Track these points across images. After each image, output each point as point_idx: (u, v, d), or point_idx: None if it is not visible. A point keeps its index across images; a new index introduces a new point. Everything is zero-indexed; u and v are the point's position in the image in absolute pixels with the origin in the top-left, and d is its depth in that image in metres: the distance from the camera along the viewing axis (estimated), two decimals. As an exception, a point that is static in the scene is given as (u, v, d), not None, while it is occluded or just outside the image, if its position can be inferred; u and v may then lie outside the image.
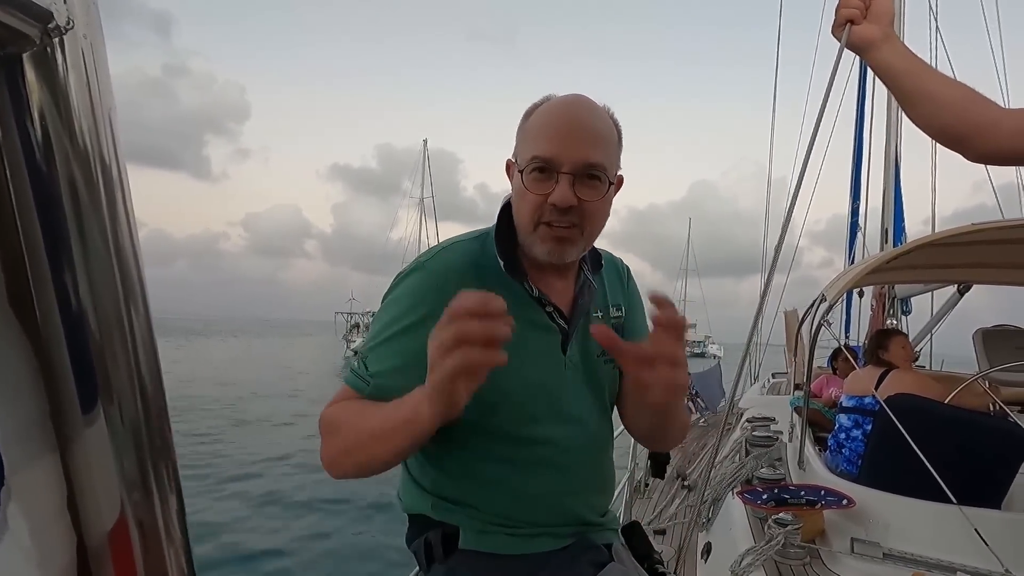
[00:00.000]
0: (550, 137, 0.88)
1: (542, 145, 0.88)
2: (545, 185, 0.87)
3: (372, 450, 0.81)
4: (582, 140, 0.88)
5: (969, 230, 2.14)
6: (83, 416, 0.34)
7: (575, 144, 0.87)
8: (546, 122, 0.90)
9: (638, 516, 3.38)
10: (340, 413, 0.88)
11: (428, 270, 0.92)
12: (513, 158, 0.95)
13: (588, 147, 0.87)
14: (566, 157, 0.86)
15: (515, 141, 0.95)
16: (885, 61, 0.99)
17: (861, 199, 7.53)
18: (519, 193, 0.91)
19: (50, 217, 0.32)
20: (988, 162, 0.98)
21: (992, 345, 3.56)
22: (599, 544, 1.01)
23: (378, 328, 0.91)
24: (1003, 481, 2.10)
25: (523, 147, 0.91)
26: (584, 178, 0.88)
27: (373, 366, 0.88)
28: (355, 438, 0.84)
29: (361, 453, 0.83)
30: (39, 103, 0.30)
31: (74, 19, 0.31)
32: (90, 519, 0.35)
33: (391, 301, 0.92)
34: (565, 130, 0.88)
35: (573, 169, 0.87)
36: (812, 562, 1.76)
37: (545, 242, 0.90)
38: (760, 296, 1.94)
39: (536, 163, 0.88)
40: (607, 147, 0.91)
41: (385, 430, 0.79)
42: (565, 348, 0.97)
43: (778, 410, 3.81)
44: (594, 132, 0.90)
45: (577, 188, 0.87)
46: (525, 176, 0.89)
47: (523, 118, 0.95)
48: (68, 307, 0.33)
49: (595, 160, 0.88)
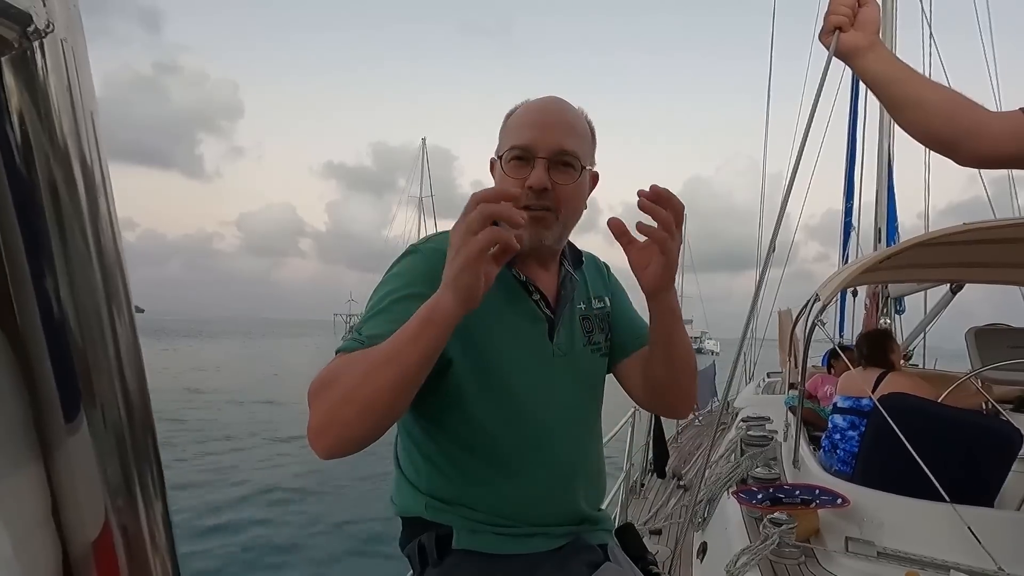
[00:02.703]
0: (526, 127, 0.95)
1: (519, 135, 0.95)
2: (523, 171, 0.94)
3: (378, 380, 0.73)
4: (556, 129, 0.95)
5: (961, 230, 2.15)
6: (66, 423, 0.34)
7: (549, 132, 0.94)
8: (523, 117, 0.98)
9: (633, 516, 3.39)
10: (332, 369, 0.80)
11: (422, 252, 0.95)
12: (496, 156, 0.99)
13: (561, 135, 0.94)
14: (541, 143, 0.93)
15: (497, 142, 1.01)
16: (871, 68, 1.00)
17: (854, 198, 7.57)
18: (500, 181, 0.96)
19: (31, 222, 0.31)
20: (979, 166, 0.98)
21: (984, 344, 3.58)
22: (593, 544, 1.02)
23: (374, 302, 0.90)
24: (996, 479, 2.12)
25: (503, 143, 0.98)
26: (559, 164, 0.94)
27: (368, 331, 0.83)
28: (360, 374, 0.75)
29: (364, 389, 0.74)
30: (18, 107, 0.30)
31: (54, 22, 0.30)
32: (74, 527, 0.35)
33: (389, 278, 0.93)
34: (540, 121, 0.96)
35: (548, 154, 0.93)
36: (807, 561, 1.77)
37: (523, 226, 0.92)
38: (754, 291, 1.95)
39: (514, 151, 0.94)
40: (580, 138, 0.97)
41: (398, 347, 0.73)
42: (552, 336, 1.00)
43: (773, 409, 3.82)
44: (567, 123, 0.97)
45: (552, 173, 0.93)
46: (504, 164, 0.95)
47: (504, 120, 1.02)
48: (50, 312, 0.33)
49: (568, 147, 0.94)
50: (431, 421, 0.97)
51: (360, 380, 0.74)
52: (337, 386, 0.76)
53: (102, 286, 0.34)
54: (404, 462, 1.02)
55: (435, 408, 0.94)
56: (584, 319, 1.06)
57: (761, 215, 9.53)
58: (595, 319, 1.08)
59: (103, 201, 0.34)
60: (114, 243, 0.34)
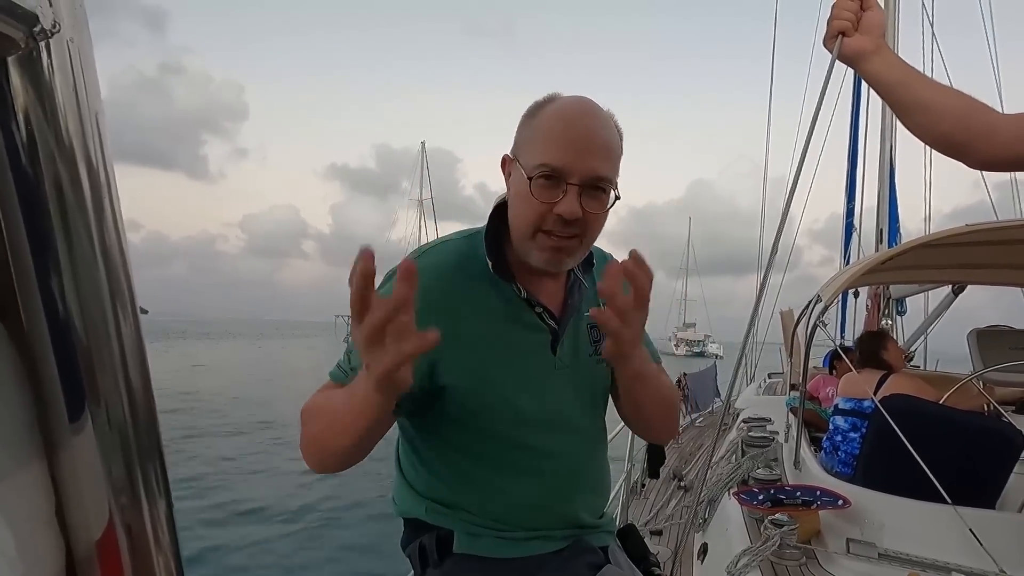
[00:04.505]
0: (560, 145, 0.85)
1: (552, 152, 0.85)
2: (552, 194, 0.85)
3: (336, 439, 0.81)
4: (592, 152, 0.85)
5: (963, 231, 2.15)
6: (70, 423, 0.34)
7: (585, 155, 0.85)
8: (555, 128, 0.87)
9: (634, 517, 3.38)
10: (314, 402, 0.88)
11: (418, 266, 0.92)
12: (512, 155, 0.91)
13: (598, 159, 0.85)
14: (576, 168, 0.84)
15: (516, 137, 0.92)
16: (877, 72, 0.99)
17: (856, 200, 7.56)
18: (521, 197, 0.87)
19: (36, 221, 0.31)
20: (989, 168, 0.96)
21: (986, 345, 3.58)
22: (595, 547, 1.01)
23: None
24: (997, 481, 2.11)
25: (529, 149, 0.88)
26: (591, 190, 0.85)
27: (355, 360, 0.87)
28: (321, 427, 0.83)
29: (328, 442, 0.82)
30: (24, 106, 0.30)
31: (60, 22, 0.30)
32: (78, 526, 0.35)
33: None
34: (576, 140, 0.85)
35: (582, 181, 0.84)
36: (808, 563, 1.76)
37: (543, 251, 0.88)
38: (756, 295, 1.95)
39: (544, 170, 0.85)
40: (614, 159, 0.89)
41: (341, 418, 0.78)
42: (555, 349, 0.96)
43: (774, 410, 3.81)
44: (603, 143, 0.87)
45: (583, 200, 0.85)
46: (532, 183, 0.85)
47: (527, 115, 0.91)
48: (55, 311, 0.33)
49: (603, 173, 0.86)
50: (431, 432, 0.96)
51: (325, 429, 0.82)
52: (311, 426, 0.85)
53: (107, 287, 0.34)
54: (405, 465, 1.02)
55: (435, 422, 0.94)
56: (591, 328, 1.00)
57: (763, 219, 9.51)
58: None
59: (108, 201, 0.34)
60: (119, 243, 0.34)
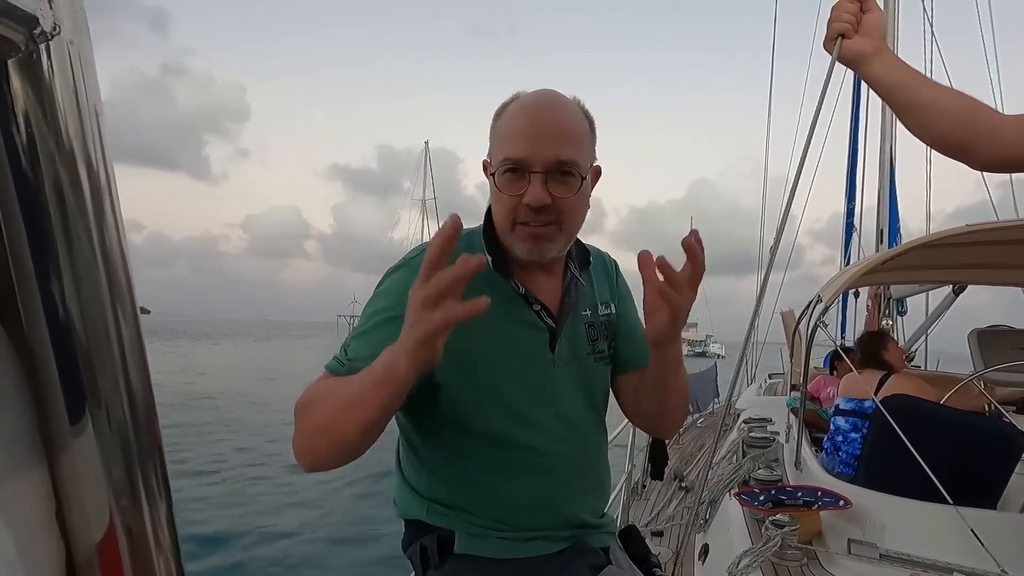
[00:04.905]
0: (519, 137, 0.88)
1: (512, 146, 0.88)
2: (518, 185, 0.88)
3: (345, 422, 0.76)
4: (551, 138, 0.88)
5: (963, 231, 2.15)
6: (71, 425, 0.34)
7: (545, 143, 0.87)
8: (514, 122, 0.90)
9: (635, 518, 3.38)
10: (313, 391, 0.84)
11: (413, 267, 0.92)
12: (488, 159, 0.94)
13: (558, 145, 0.87)
14: (536, 156, 0.87)
15: (488, 142, 0.95)
16: (877, 74, 0.99)
17: (856, 200, 7.56)
18: (495, 194, 0.91)
19: (36, 223, 0.31)
20: (991, 169, 0.96)
21: (987, 345, 3.57)
22: (596, 547, 1.01)
23: (362, 319, 0.91)
24: (998, 481, 2.11)
25: (495, 148, 0.92)
26: (556, 175, 0.88)
27: (353, 352, 0.86)
28: (328, 412, 0.79)
29: (335, 428, 0.77)
30: (24, 109, 0.30)
31: (60, 24, 0.30)
32: (79, 530, 0.35)
33: (377, 295, 0.92)
34: (534, 129, 0.88)
35: (544, 168, 0.87)
36: (809, 563, 1.76)
37: (524, 241, 0.90)
38: (757, 295, 1.95)
39: (507, 164, 0.88)
40: (578, 142, 0.90)
41: (362, 394, 0.75)
42: (553, 347, 0.97)
43: (775, 411, 3.81)
44: (563, 128, 0.89)
45: (550, 186, 0.87)
46: (498, 177, 0.89)
47: (493, 119, 0.94)
48: (55, 313, 0.33)
49: (566, 157, 0.88)
50: (430, 432, 0.96)
51: (330, 417, 0.78)
52: (313, 415, 0.81)
53: (107, 288, 0.34)
54: (405, 466, 1.02)
55: (433, 421, 0.94)
56: (589, 326, 1.02)
57: (763, 218, 9.52)
58: (600, 326, 1.04)
59: (108, 203, 0.34)
60: (119, 245, 0.34)
